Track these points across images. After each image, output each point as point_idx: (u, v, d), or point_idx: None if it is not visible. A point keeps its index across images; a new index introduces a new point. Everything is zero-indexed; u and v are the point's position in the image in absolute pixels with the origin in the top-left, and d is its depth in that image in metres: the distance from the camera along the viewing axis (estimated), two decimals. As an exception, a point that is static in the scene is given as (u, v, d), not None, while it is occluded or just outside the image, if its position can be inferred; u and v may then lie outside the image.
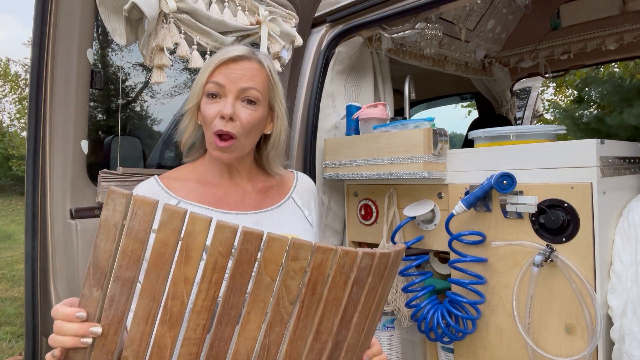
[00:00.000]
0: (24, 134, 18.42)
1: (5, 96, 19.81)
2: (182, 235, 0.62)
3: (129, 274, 0.63)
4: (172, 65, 1.25)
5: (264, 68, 1.01)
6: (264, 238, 0.63)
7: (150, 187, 0.99)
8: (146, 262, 0.63)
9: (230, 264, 0.63)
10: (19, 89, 19.76)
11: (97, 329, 0.64)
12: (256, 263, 0.63)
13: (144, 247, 0.63)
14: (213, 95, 0.97)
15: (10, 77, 19.73)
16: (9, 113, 21.55)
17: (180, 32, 1.24)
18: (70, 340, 0.64)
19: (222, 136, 0.97)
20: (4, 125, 19.15)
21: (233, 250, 0.63)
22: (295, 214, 1.10)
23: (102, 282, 0.63)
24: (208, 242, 0.63)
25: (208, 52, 1.33)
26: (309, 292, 0.65)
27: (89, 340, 0.64)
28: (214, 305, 0.64)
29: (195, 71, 1.25)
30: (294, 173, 1.19)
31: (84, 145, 1.22)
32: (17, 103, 19.64)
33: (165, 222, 0.62)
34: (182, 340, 0.65)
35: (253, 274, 0.64)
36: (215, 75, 0.97)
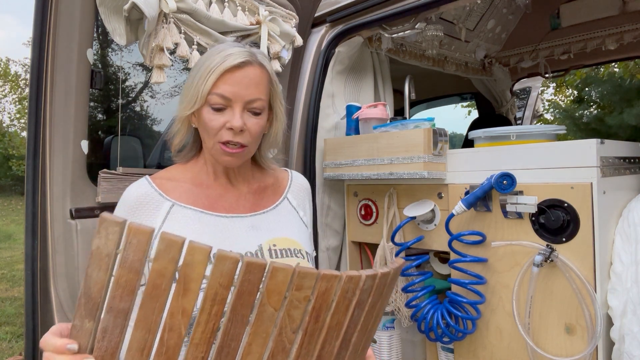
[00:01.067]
0: (24, 134, 18.42)
1: (5, 96, 19.82)
2: (179, 266, 0.59)
3: (122, 305, 0.60)
4: (172, 65, 1.25)
5: (265, 71, 0.99)
6: (267, 268, 0.60)
7: (143, 189, 0.97)
8: (141, 293, 0.61)
9: (231, 295, 0.61)
10: (19, 89, 19.76)
11: None
12: (258, 293, 0.61)
13: (139, 278, 0.60)
14: (218, 108, 0.94)
15: (10, 77, 19.74)
16: (9, 113, 21.57)
17: (180, 32, 1.24)
18: None
19: (231, 145, 0.95)
20: (4, 125, 19.16)
21: (234, 281, 0.60)
22: (290, 215, 1.08)
23: (95, 313, 0.60)
24: (207, 272, 0.60)
25: (208, 52, 1.33)
26: (313, 319, 0.63)
27: None
28: (214, 338, 0.62)
29: (195, 71, 1.24)
30: (288, 172, 1.17)
31: (84, 145, 1.22)
32: (17, 103, 19.66)
33: (162, 251, 0.59)
34: None
35: (255, 304, 0.61)
36: (220, 86, 0.93)
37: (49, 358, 0.63)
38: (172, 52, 1.25)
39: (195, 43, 1.28)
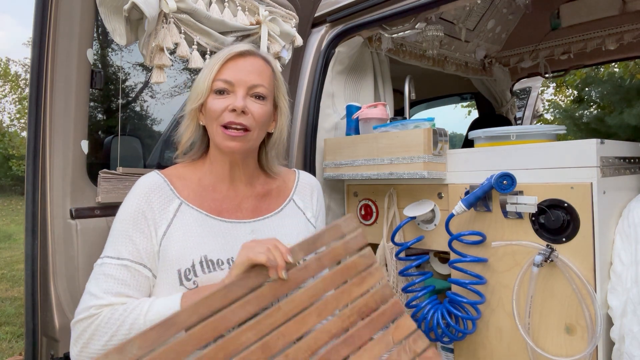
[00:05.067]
0: (24, 134, 18.39)
1: (5, 96, 19.81)
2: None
3: (327, 263, 0.90)
4: (172, 65, 1.25)
5: (268, 65, 1.02)
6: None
7: (155, 178, 0.99)
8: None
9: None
10: (19, 89, 19.75)
11: (284, 275, 0.82)
12: None
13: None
14: (221, 92, 0.97)
15: (10, 77, 19.72)
16: (9, 113, 21.53)
17: (180, 32, 1.24)
18: (278, 261, 0.82)
19: (233, 128, 0.96)
20: (4, 125, 19.15)
21: None
22: (295, 218, 1.09)
23: (308, 253, 0.87)
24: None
25: (208, 52, 1.33)
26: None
27: (284, 273, 0.83)
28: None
29: (195, 71, 1.25)
30: (295, 172, 1.17)
31: (84, 145, 1.22)
32: (17, 103, 19.64)
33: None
34: None
35: None
36: (223, 73, 0.97)
37: (271, 249, 0.83)
38: (172, 52, 1.25)
39: (195, 43, 1.28)
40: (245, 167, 1.05)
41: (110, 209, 1.27)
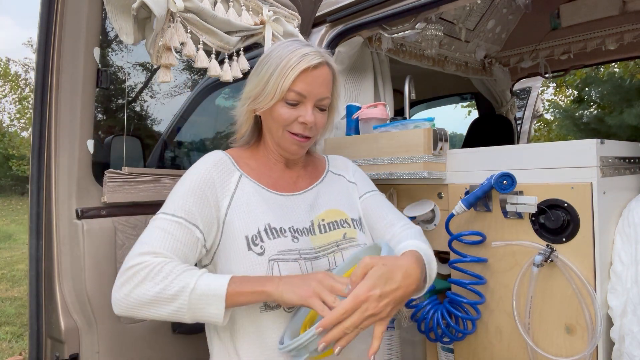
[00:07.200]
0: (24, 134, 18.39)
1: (5, 96, 19.77)
2: None
3: None
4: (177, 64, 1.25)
5: (332, 70, 1.09)
6: None
7: (219, 155, 1.08)
8: None
9: None
10: (19, 89, 19.73)
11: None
12: None
13: None
14: (294, 103, 1.04)
15: (10, 77, 19.69)
16: (9, 113, 21.50)
17: (187, 32, 1.23)
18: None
19: (300, 136, 1.06)
20: (4, 125, 19.12)
21: None
22: (337, 183, 1.21)
23: None
24: None
25: (213, 52, 1.33)
26: None
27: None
28: None
29: (198, 71, 1.26)
30: (324, 157, 1.31)
31: (90, 144, 1.22)
32: (17, 103, 19.61)
33: None
34: None
35: None
36: (298, 84, 1.02)
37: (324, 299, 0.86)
38: (177, 52, 1.25)
39: (201, 42, 1.28)
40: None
41: (116, 209, 1.26)
